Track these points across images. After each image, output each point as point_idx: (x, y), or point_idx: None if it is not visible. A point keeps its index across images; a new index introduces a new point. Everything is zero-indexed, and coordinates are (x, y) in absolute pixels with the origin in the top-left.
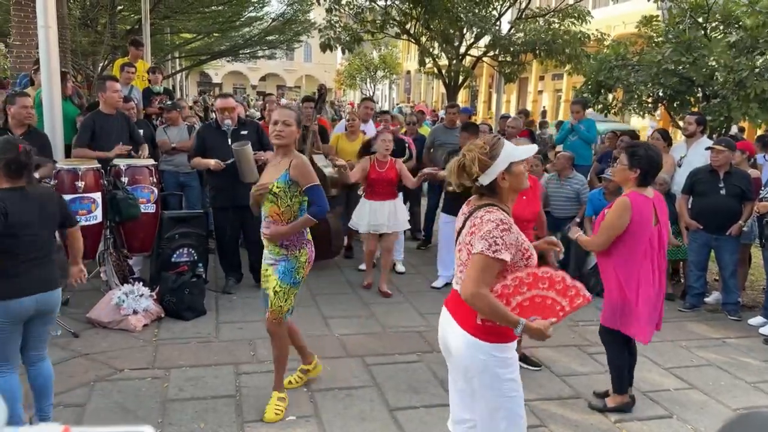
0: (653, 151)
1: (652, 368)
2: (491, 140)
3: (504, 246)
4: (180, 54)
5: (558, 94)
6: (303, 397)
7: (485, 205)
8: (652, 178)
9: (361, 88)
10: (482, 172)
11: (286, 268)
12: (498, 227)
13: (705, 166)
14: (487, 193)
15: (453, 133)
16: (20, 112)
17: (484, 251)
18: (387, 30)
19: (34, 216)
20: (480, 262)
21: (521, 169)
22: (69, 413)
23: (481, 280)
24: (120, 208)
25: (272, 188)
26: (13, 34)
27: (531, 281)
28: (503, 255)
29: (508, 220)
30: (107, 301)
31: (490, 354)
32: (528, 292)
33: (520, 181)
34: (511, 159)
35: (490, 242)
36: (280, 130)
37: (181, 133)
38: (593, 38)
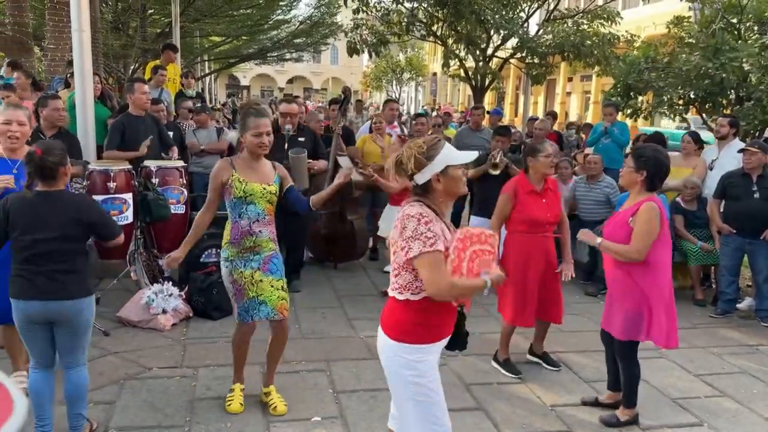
0: (661, 153)
1: (682, 375)
2: (431, 141)
3: (436, 236)
4: (209, 57)
5: (587, 96)
6: (328, 398)
7: (413, 200)
8: (660, 181)
9: (387, 90)
10: (417, 170)
11: (280, 264)
12: (420, 222)
13: (737, 169)
14: (421, 193)
15: (478, 135)
16: (52, 114)
17: (424, 250)
18: (413, 32)
19: (46, 222)
20: (427, 260)
21: (458, 173)
22: (99, 411)
23: (442, 274)
24: (151, 209)
25: (275, 190)
26: (48, 37)
27: (467, 238)
28: (440, 245)
29: (427, 212)
30: (137, 300)
31: (397, 354)
32: (469, 248)
33: (456, 185)
34: (448, 162)
35: (422, 240)
36: (266, 141)
37: (210, 135)
38: (623, 39)
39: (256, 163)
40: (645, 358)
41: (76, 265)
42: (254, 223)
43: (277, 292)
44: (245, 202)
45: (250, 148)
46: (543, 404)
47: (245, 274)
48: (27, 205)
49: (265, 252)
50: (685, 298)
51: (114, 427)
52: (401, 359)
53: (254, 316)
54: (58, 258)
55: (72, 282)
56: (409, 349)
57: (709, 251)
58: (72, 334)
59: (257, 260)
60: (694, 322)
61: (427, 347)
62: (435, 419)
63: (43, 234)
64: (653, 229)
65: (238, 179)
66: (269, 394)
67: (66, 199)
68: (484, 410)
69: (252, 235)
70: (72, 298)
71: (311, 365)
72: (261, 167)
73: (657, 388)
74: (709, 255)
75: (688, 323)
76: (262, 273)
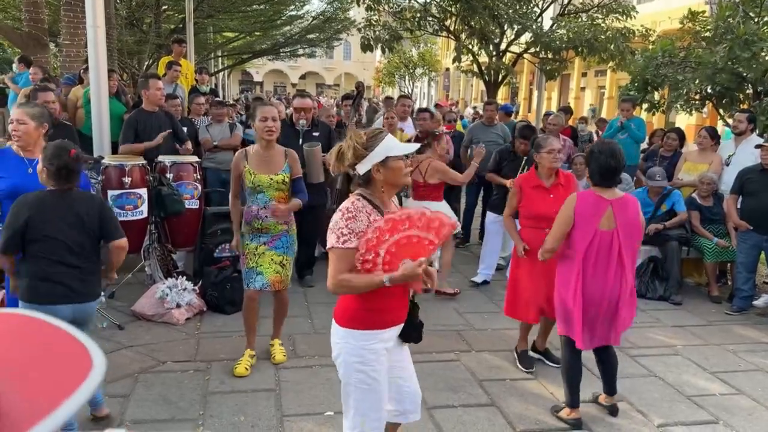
0: (604, 152)
1: (698, 372)
2: (372, 132)
3: (352, 233)
4: (222, 53)
5: (601, 91)
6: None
7: (353, 195)
8: (603, 179)
9: (399, 85)
10: (357, 160)
11: (288, 242)
12: (343, 216)
13: (755, 165)
14: (363, 184)
15: (491, 130)
16: None
17: (335, 245)
18: (426, 27)
19: (68, 223)
20: (333, 255)
21: (399, 165)
22: (114, 404)
23: (338, 271)
24: (165, 204)
25: (284, 179)
26: (63, 33)
27: (390, 227)
28: (352, 243)
29: (356, 208)
30: (151, 294)
31: (345, 340)
32: (391, 238)
33: (396, 176)
34: (388, 153)
35: (337, 234)
36: (271, 126)
37: (224, 131)
38: (638, 34)
39: (267, 153)
40: (659, 355)
41: (97, 265)
42: (261, 209)
43: (274, 266)
44: (255, 192)
45: (259, 133)
46: (556, 400)
47: (250, 246)
48: (48, 207)
49: (274, 232)
50: (701, 295)
51: (129, 420)
52: (347, 345)
53: (250, 284)
54: (84, 259)
55: (94, 283)
56: (356, 335)
57: (725, 247)
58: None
59: (266, 236)
60: (710, 319)
61: (374, 333)
62: (370, 407)
63: (72, 234)
64: (562, 218)
65: (249, 171)
66: (273, 345)
67: (83, 198)
68: (497, 406)
69: (259, 219)
70: (95, 298)
71: (324, 360)
72: (272, 156)
73: (672, 385)
74: (725, 251)
75: (703, 320)
76: (266, 248)
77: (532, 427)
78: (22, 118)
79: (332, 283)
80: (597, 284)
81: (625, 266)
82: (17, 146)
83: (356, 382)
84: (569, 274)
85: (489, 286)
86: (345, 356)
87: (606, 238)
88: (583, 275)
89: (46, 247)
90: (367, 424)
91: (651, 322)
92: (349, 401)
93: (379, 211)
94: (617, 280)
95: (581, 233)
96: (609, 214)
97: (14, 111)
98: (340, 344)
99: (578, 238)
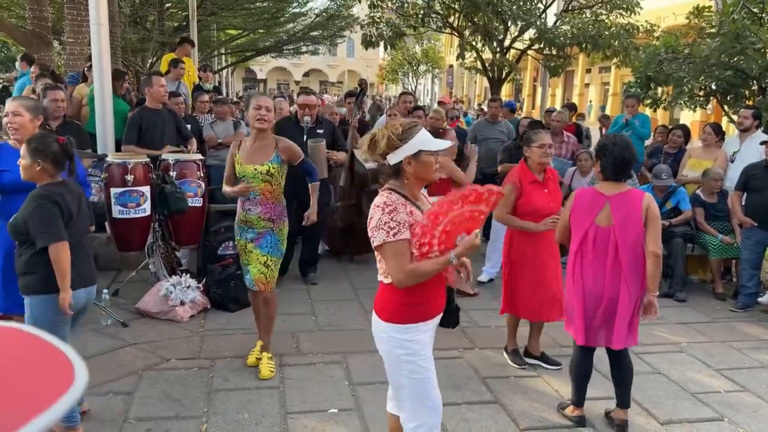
0: (618, 145)
1: (702, 369)
2: (408, 124)
3: (399, 225)
4: (226, 50)
5: (605, 88)
6: (345, 390)
7: (384, 189)
8: (616, 171)
9: (403, 82)
10: (390, 151)
11: (273, 242)
12: (384, 211)
13: (760, 161)
14: (393, 176)
15: (495, 127)
16: (50, 105)
17: (387, 240)
18: (429, 24)
19: (77, 209)
20: (389, 250)
21: (430, 160)
22: (118, 401)
23: (402, 263)
24: (168, 202)
25: (269, 169)
26: (67, 31)
27: (445, 209)
28: (404, 234)
29: (393, 200)
30: (155, 292)
31: (389, 334)
32: (445, 219)
33: (426, 171)
34: (422, 147)
35: (386, 229)
36: (263, 114)
37: (228, 128)
38: (642, 30)
39: (257, 143)
40: (664, 353)
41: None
42: (246, 201)
43: (258, 265)
44: (241, 181)
45: (251, 121)
46: (560, 397)
47: (241, 242)
48: (65, 194)
49: (258, 228)
50: (706, 292)
51: (132, 417)
52: (393, 339)
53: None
54: (88, 244)
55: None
56: (400, 329)
57: (729, 244)
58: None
59: (252, 233)
60: (715, 317)
61: (417, 326)
62: (426, 394)
63: (80, 220)
64: (563, 213)
65: (238, 161)
66: (261, 359)
67: (75, 186)
68: (501, 403)
69: (243, 211)
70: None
71: (327, 357)
72: (262, 147)
73: (676, 382)
74: (730, 248)
75: (708, 317)
76: (253, 245)
77: (535, 424)
78: (17, 110)
79: (402, 276)
80: (595, 280)
81: (622, 265)
82: (14, 140)
83: (407, 373)
84: (569, 269)
85: (493, 283)
86: (391, 349)
87: (603, 235)
88: (582, 271)
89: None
90: (426, 414)
91: (655, 319)
92: (404, 393)
93: (412, 202)
94: (615, 277)
95: (575, 228)
96: (606, 210)
97: (9, 104)
98: (384, 338)
99: (573, 232)
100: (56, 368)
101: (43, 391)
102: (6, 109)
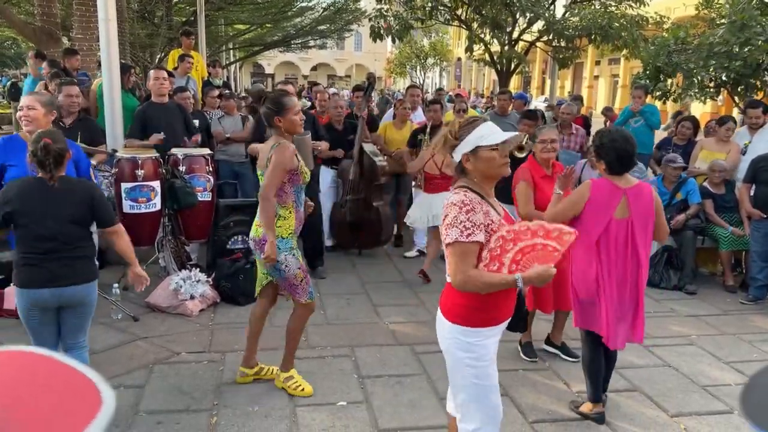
0: (618, 140)
1: (712, 362)
2: (467, 120)
3: (475, 227)
4: (234, 45)
5: (615, 80)
6: (353, 383)
7: (457, 187)
8: (621, 166)
9: (411, 75)
10: (450, 150)
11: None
12: (462, 210)
13: (767, 153)
14: (461, 174)
15: (505, 120)
16: (66, 101)
17: (459, 239)
18: (437, 16)
19: (52, 209)
20: (458, 249)
21: (491, 155)
22: (129, 394)
23: (466, 266)
24: (178, 196)
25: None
26: (76, 27)
27: (513, 236)
28: (478, 236)
29: (470, 200)
30: (165, 286)
31: (454, 336)
32: (515, 247)
33: (489, 166)
34: (479, 143)
35: (460, 228)
36: (303, 118)
37: (236, 123)
38: (652, 21)
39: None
40: (674, 345)
41: (85, 250)
42: (301, 211)
43: None
44: (303, 190)
45: (291, 127)
46: (569, 391)
47: (299, 254)
48: (34, 192)
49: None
50: (716, 284)
51: (143, 410)
52: (458, 341)
53: (312, 296)
54: (68, 243)
55: (82, 266)
56: (466, 332)
57: (740, 236)
58: (79, 316)
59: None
60: (725, 309)
61: (484, 330)
62: (488, 401)
63: (52, 220)
64: (572, 201)
65: (302, 166)
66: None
67: (70, 184)
68: (510, 396)
69: (298, 221)
70: (84, 282)
71: (336, 350)
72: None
73: (686, 375)
74: (740, 240)
75: (718, 310)
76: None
77: (544, 417)
78: (32, 104)
79: (461, 279)
80: (619, 275)
81: (640, 257)
82: (26, 131)
83: (470, 377)
84: (587, 266)
85: None
86: (454, 351)
87: (622, 228)
88: (609, 268)
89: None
90: (484, 419)
91: (665, 312)
92: (461, 396)
93: (486, 201)
94: (635, 269)
95: (595, 221)
96: (624, 203)
97: (24, 98)
98: (449, 339)
99: (592, 226)
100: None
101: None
102: (21, 103)
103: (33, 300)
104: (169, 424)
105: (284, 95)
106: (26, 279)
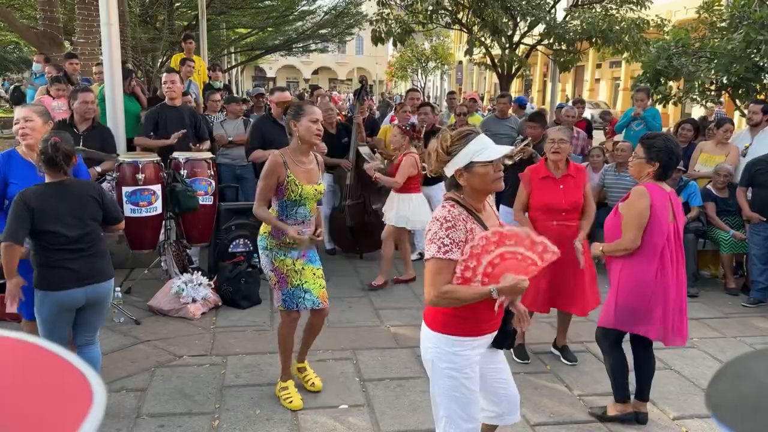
0: (672, 142)
1: (714, 365)
2: (459, 134)
3: (453, 244)
4: (235, 49)
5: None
6: (355, 387)
7: (446, 200)
8: (671, 171)
9: (412, 79)
10: (441, 164)
11: (315, 253)
12: (442, 227)
13: (765, 155)
14: (453, 188)
15: (504, 123)
16: (81, 107)
17: (436, 255)
18: (438, 20)
19: (74, 209)
20: (433, 266)
21: (485, 170)
22: (131, 397)
23: (439, 283)
24: (179, 200)
25: (322, 189)
26: (78, 32)
27: (497, 239)
28: (454, 255)
29: (453, 217)
30: (167, 289)
31: (437, 345)
32: (496, 250)
33: (482, 182)
34: (472, 158)
35: (438, 245)
36: (321, 129)
37: (238, 127)
38: (653, 24)
39: (305, 158)
40: (676, 348)
41: (104, 247)
42: (299, 224)
43: (319, 280)
44: (297, 205)
45: (307, 135)
46: (571, 394)
47: (286, 262)
48: (50, 196)
49: (302, 246)
50: (717, 287)
51: (145, 413)
52: (439, 350)
53: (299, 305)
54: (91, 242)
55: (105, 264)
56: (448, 341)
57: (741, 239)
58: (98, 313)
59: (297, 251)
60: (726, 312)
61: (466, 340)
62: (463, 414)
63: (73, 222)
64: (642, 212)
65: (294, 182)
66: (307, 369)
67: (80, 185)
68: None
69: (285, 236)
70: (107, 278)
71: (338, 354)
72: (309, 162)
73: (688, 378)
74: (742, 243)
75: (719, 312)
76: (302, 261)
77: (546, 419)
78: (29, 115)
79: (434, 295)
80: (674, 279)
81: (681, 257)
82: (25, 146)
83: (448, 389)
84: (642, 272)
85: None
86: (436, 361)
87: (671, 231)
88: (667, 272)
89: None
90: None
91: None
92: (440, 410)
93: (475, 217)
94: (682, 273)
95: (659, 228)
96: (671, 207)
97: (19, 110)
98: (431, 349)
99: (656, 232)
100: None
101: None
102: (17, 116)
103: (63, 301)
104: (171, 427)
105: (309, 104)
106: (56, 281)
